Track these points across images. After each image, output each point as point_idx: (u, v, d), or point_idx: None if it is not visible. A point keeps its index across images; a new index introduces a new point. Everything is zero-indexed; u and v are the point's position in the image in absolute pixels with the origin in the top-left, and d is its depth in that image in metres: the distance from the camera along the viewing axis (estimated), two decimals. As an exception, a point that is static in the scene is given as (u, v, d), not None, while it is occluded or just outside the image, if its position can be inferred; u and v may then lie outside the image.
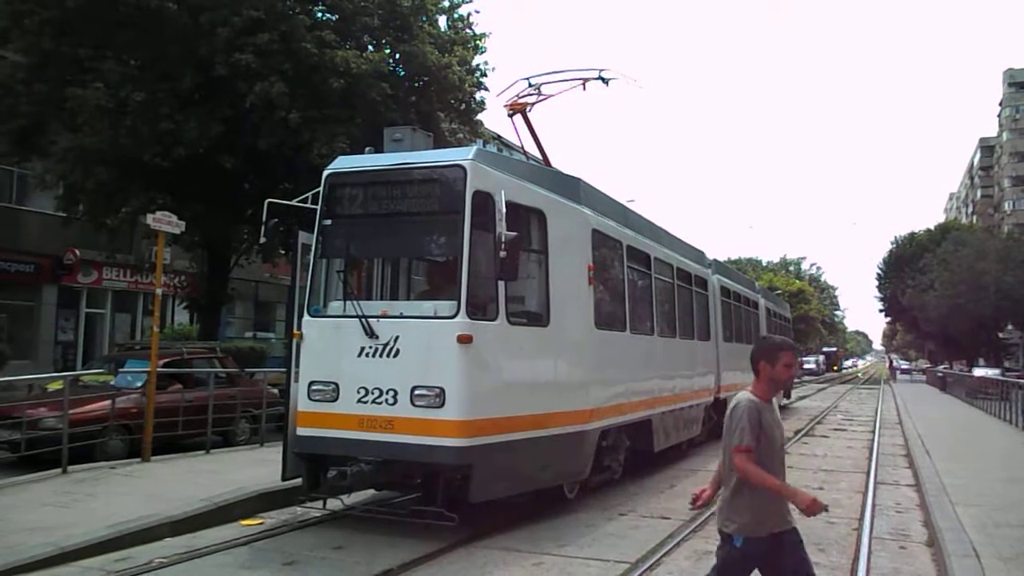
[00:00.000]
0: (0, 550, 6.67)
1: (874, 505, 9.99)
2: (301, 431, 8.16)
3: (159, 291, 12.93)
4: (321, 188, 8.56)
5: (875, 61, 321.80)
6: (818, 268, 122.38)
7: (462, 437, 7.43)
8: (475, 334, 7.55)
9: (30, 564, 6.54)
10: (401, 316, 8.01)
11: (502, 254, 7.41)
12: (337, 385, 7.93)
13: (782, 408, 25.94)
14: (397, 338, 7.70)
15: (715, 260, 18.44)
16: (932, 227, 78.40)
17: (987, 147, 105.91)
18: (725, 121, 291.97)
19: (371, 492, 9.39)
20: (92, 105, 17.05)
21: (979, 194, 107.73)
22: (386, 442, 7.60)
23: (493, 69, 25.75)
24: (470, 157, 7.99)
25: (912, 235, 76.91)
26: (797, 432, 19.74)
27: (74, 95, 17.14)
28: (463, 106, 21.61)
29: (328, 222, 8.50)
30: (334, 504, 8.47)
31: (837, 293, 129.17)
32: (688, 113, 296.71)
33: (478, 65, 21.65)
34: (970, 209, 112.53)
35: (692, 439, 14.62)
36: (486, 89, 21.87)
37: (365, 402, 7.70)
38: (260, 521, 8.59)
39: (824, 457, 14.93)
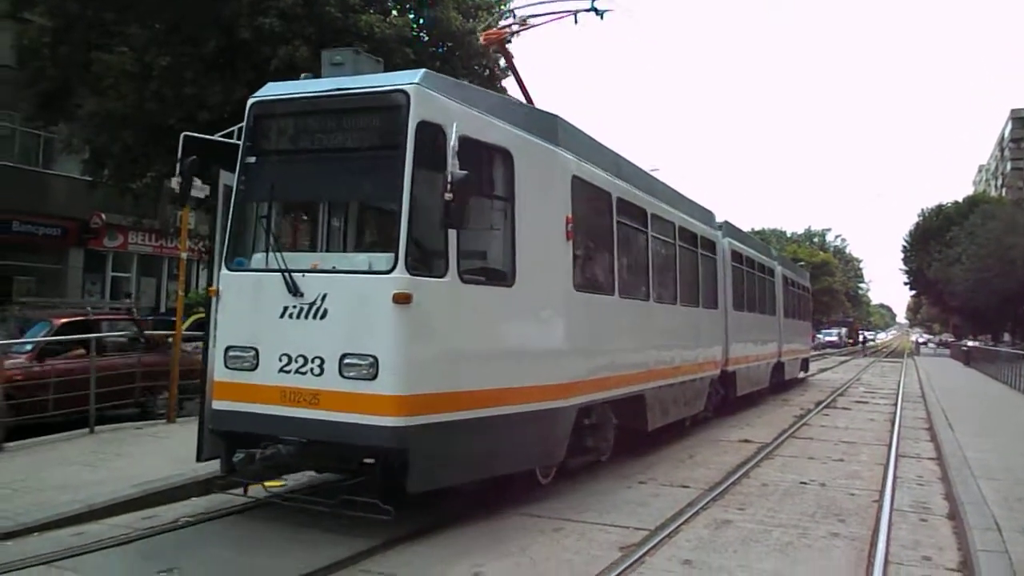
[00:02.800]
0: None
1: (895, 477, 9.96)
2: (217, 404, 7.09)
3: (184, 255, 12.81)
4: (245, 119, 7.38)
5: (907, 29, 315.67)
6: (843, 240, 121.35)
7: (397, 415, 6.34)
8: (416, 292, 6.43)
9: None
10: (333, 271, 6.92)
11: (447, 196, 6.25)
12: (257, 351, 6.85)
13: (799, 381, 25.64)
14: (325, 296, 6.61)
15: (726, 222, 16.97)
16: (960, 200, 77.38)
17: (1019, 119, 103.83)
18: (751, 88, 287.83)
19: (314, 474, 8.58)
20: (117, 69, 17.12)
21: (1009, 167, 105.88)
22: (310, 419, 6.53)
23: (518, 34, 25.49)
24: (415, 81, 6.72)
25: (940, 207, 76.03)
26: (818, 404, 19.69)
27: (99, 59, 17.22)
28: (487, 72, 21.41)
29: (252, 159, 7.27)
30: (257, 491, 7.41)
31: (861, 266, 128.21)
32: (712, 79, 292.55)
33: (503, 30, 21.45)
34: (999, 182, 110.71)
35: (696, 415, 13.79)
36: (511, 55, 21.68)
37: (288, 371, 6.64)
38: (282, 483, 8.31)
39: (846, 429, 14.88)
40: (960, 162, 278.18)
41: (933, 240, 69.30)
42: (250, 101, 7.42)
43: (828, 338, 77.70)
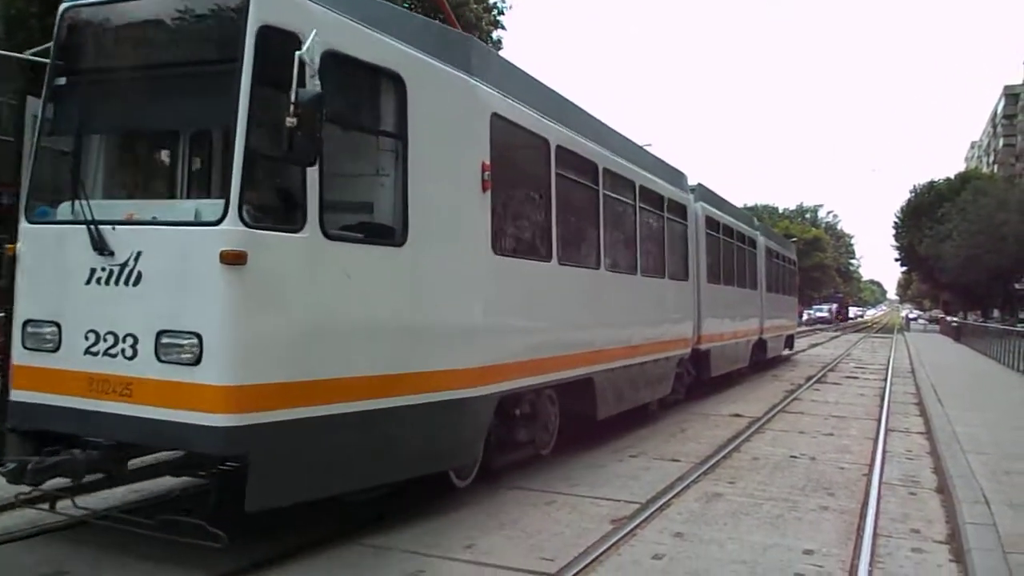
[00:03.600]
0: None
1: (885, 451, 10.03)
2: (15, 395, 5.67)
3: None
4: (55, 30, 5.87)
5: (902, 4, 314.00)
6: (835, 216, 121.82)
7: (228, 412, 4.93)
8: (254, 251, 5.00)
9: None
10: (153, 222, 5.35)
11: (291, 121, 4.83)
12: (59, 327, 5.42)
13: (785, 359, 25.09)
14: (139, 255, 5.14)
15: (700, 185, 15.32)
16: (952, 176, 77.44)
17: (1012, 95, 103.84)
18: (744, 64, 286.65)
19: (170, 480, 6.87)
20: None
21: (1001, 143, 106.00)
22: (122, 416, 5.11)
23: (510, 7, 25.33)
24: None
25: (931, 184, 76.10)
26: (809, 379, 19.80)
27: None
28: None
29: (61, 81, 5.79)
30: (65, 505, 5.67)
31: (853, 242, 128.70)
32: (706, 54, 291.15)
33: (495, 3, 21.33)
34: (992, 158, 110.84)
35: (664, 399, 12.60)
36: (503, 28, 21.61)
37: (95, 354, 5.22)
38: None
39: (836, 404, 14.97)
40: (953, 138, 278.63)
41: (924, 216, 69.43)
42: (62, 7, 5.85)
43: (819, 314, 78.18)
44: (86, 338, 5.26)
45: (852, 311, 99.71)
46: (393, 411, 5.86)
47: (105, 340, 5.20)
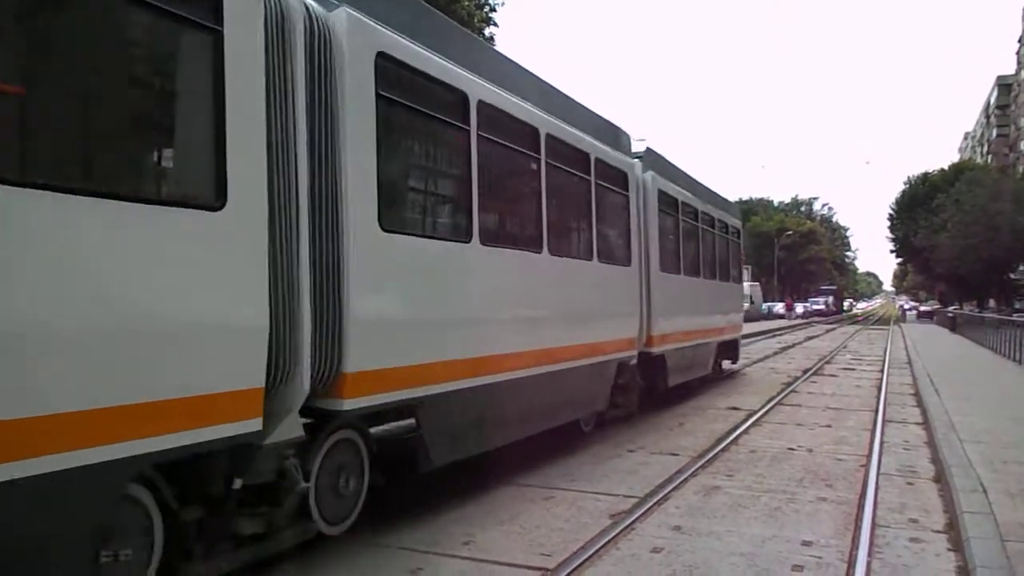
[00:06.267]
0: None
1: (882, 442, 10.04)
2: None
3: None
4: None
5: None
6: (830, 208, 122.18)
7: None
8: None
9: None
10: None
11: None
12: None
13: (733, 374, 18.91)
14: None
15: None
16: (946, 167, 77.60)
17: (1004, 85, 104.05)
18: (738, 58, 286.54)
19: None
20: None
21: (995, 133, 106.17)
22: None
23: (503, 3, 25.32)
24: None
25: (926, 175, 76.29)
26: (806, 371, 19.82)
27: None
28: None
29: None
30: None
31: (849, 234, 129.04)
32: (697, 49, 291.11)
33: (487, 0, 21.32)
34: (985, 149, 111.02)
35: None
36: (495, 24, 21.58)
37: None
38: None
39: (832, 395, 15.00)
40: (947, 129, 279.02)
41: (919, 208, 69.55)
42: None
43: (816, 306, 78.50)
44: None
45: (850, 302, 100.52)
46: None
47: None
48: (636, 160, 11.55)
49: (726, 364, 18.05)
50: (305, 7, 5.17)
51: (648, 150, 12.28)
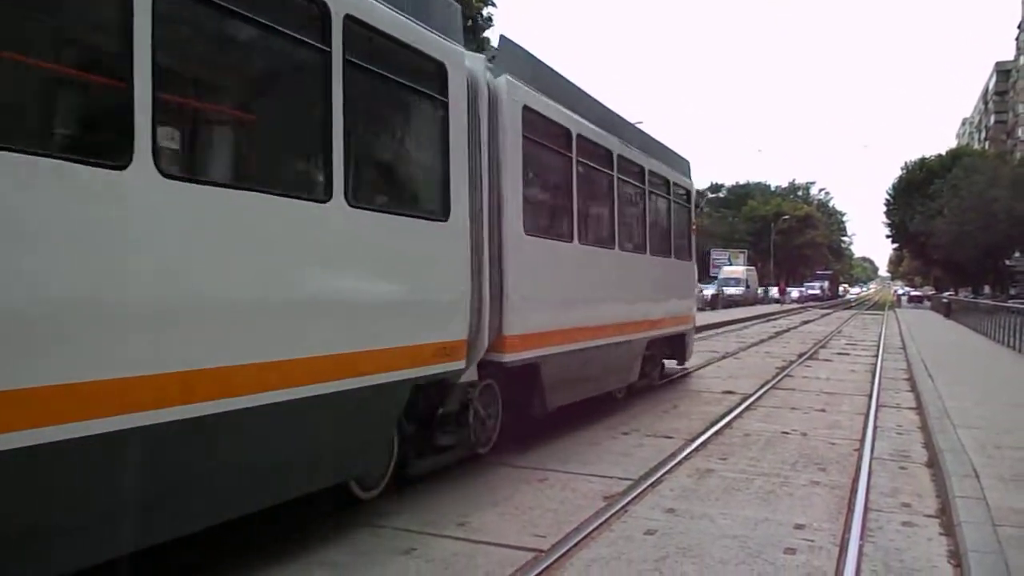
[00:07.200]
0: None
1: (875, 427, 10.07)
2: None
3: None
4: None
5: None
6: (826, 193, 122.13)
7: None
8: None
9: None
10: None
11: None
12: None
13: (685, 375, 15.23)
14: None
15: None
16: (943, 153, 77.58)
17: (1003, 71, 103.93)
18: (735, 41, 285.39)
19: None
20: None
21: (993, 119, 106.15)
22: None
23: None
24: None
25: (923, 160, 76.27)
26: (800, 356, 19.86)
27: None
28: (469, 22, 21.20)
29: None
30: None
31: (845, 219, 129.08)
32: (698, 32, 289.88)
33: (486, -20, 21.17)
34: (983, 135, 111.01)
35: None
36: (493, 5, 21.44)
37: None
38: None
39: (827, 380, 15.02)
40: (944, 115, 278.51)
41: (916, 193, 69.62)
42: None
43: (812, 291, 78.65)
44: None
45: (845, 287, 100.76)
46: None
47: None
48: (483, 55, 7.85)
49: (671, 364, 14.42)
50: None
51: (506, 41, 8.14)
